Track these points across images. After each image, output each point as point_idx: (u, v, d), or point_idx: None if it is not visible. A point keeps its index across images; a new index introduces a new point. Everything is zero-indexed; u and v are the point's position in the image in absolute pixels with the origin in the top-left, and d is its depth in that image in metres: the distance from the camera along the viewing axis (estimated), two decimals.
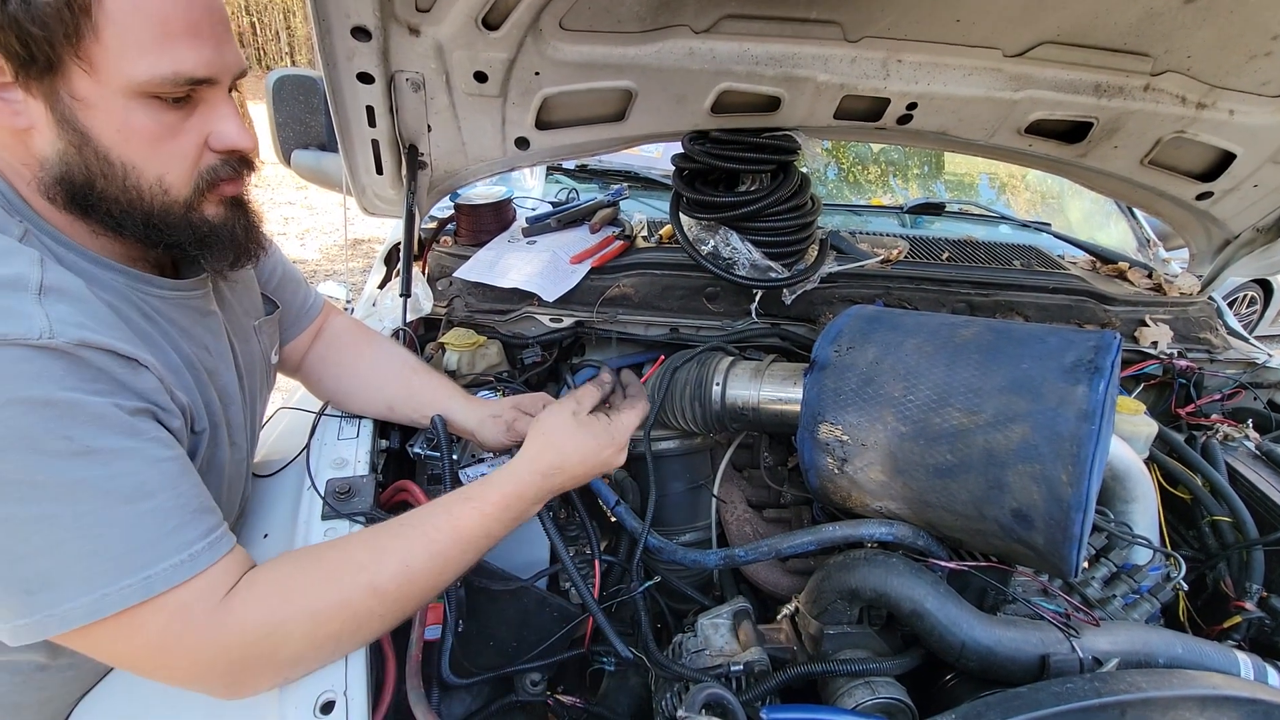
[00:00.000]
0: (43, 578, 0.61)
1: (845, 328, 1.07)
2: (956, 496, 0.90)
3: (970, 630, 0.88)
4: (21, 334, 0.59)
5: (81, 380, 0.62)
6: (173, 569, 0.64)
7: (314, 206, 6.79)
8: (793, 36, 1.16)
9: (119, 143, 0.67)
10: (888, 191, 2.52)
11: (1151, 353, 1.50)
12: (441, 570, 0.78)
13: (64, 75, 0.63)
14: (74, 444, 0.61)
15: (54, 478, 0.60)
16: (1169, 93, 1.25)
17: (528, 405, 1.12)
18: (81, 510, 0.61)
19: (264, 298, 1.03)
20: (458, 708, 1.01)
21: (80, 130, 0.66)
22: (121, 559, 0.62)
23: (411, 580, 0.75)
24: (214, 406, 0.83)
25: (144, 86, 0.65)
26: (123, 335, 0.68)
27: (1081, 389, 0.84)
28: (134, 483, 0.64)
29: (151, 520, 0.64)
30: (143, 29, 0.63)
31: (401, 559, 0.75)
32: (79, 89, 0.64)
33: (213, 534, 0.69)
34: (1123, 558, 1.08)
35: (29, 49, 0.61)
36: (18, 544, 0.60)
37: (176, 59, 0.66)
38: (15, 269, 0.63)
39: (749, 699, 0.88)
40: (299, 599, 0.71)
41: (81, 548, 0.61)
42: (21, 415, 0.59)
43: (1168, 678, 0.78)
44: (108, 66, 0.63)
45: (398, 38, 1.09)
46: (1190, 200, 1.50)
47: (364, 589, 0.73)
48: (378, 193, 1.38)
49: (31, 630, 0.61)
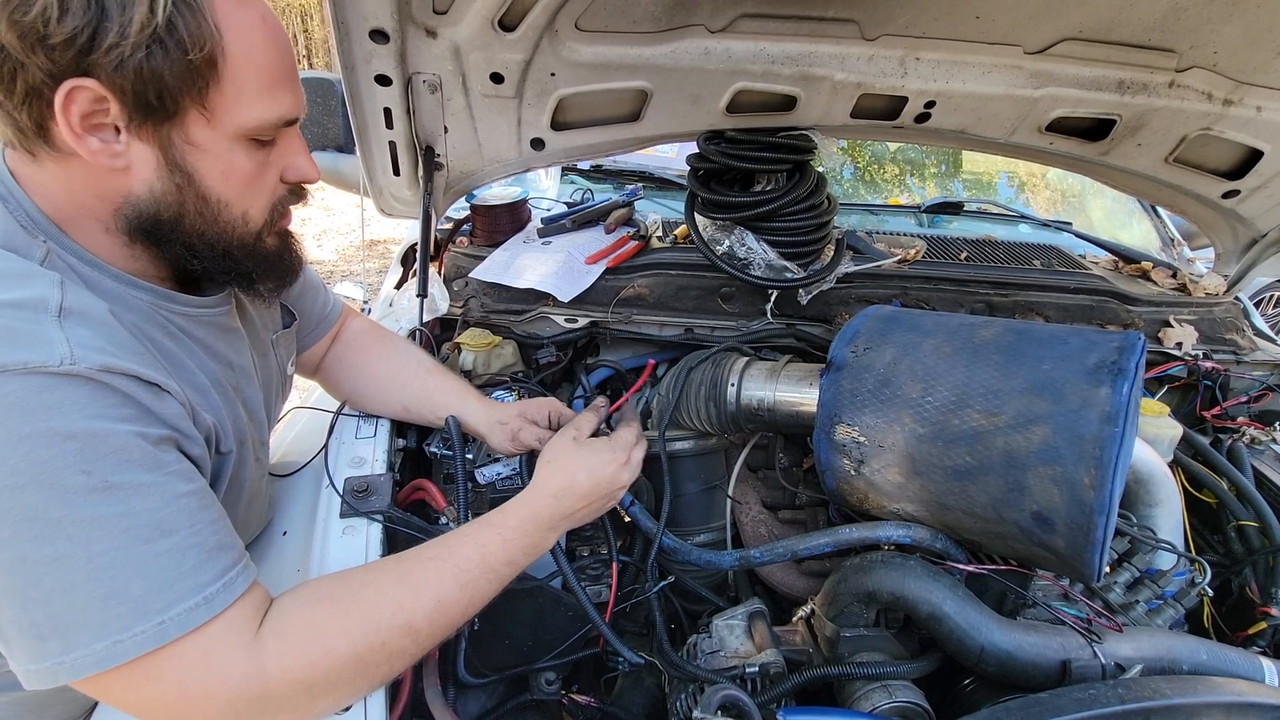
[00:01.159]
0: (54, 622, 0.58)
1: (862, 328, 1.06)
2: (975, 499, 0.89)
3: (989, 634, 0.87)
4: (41, 361, 0.58)
5: (106, 407, 0.61)
6: (187, 613, 0.62)
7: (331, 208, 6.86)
8: (809, 35, 1.16)
9: (219, 182, 0.71)
10: (905, 191, 2.49)
11: (1176, 354, 1.47)
12: (470, 601, 0.78)
13: (181, 122, 0.67)
14: (93, 479, 0.59)
15: (71, 514, 0.58)
16: (1194, 89, 1.23)
17: (533, 413, 1.13)
18: (96, 550, 0.59)
19: (283, 309, 1.04)
20: (473, 706, 1.01)
21: (188, 172, 0.69)
22: (137, 603, 0.60)
23: (445, 615, 0.75)
24: (240, 424, 0.83)
25: (252, 131, 0.71)
26: (146, 360, 0.67)
27: (1105, 391, 0.82)
28: (152, 521, 0.62)
29: (168, 560, 0.62)
30: (255, 78, 0.69)
31: (434, 594, 0.74)
32: (195, 135, 0.68)
33: (229, 573, 0.66)
34: (1146, 562, 1.06)
35: (161, 99, 0.64)
36: (30, 586, 0.58)
37: (279, 104, 0.71)
38: (35, 291, 0.62)
39: (764, 701, 0.88)
40: (341, 646, 0.68)
41: (95, 591, 0.59)
42: (41, 449, 0.57)
43: (1192, 684, 0.77)
44: (224, 113, 0.68)
45: (415, 40, 1.10)
46: (1216, 199, 1.47)
47: (401, 630, 0.71)
48: (395, 194, 1.39)
49: (42, 677, 0.59)
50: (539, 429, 1.10)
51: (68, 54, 0.61)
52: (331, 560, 0.90)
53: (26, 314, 0.61)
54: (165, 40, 0.62)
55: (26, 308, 0.61)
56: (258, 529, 0.98)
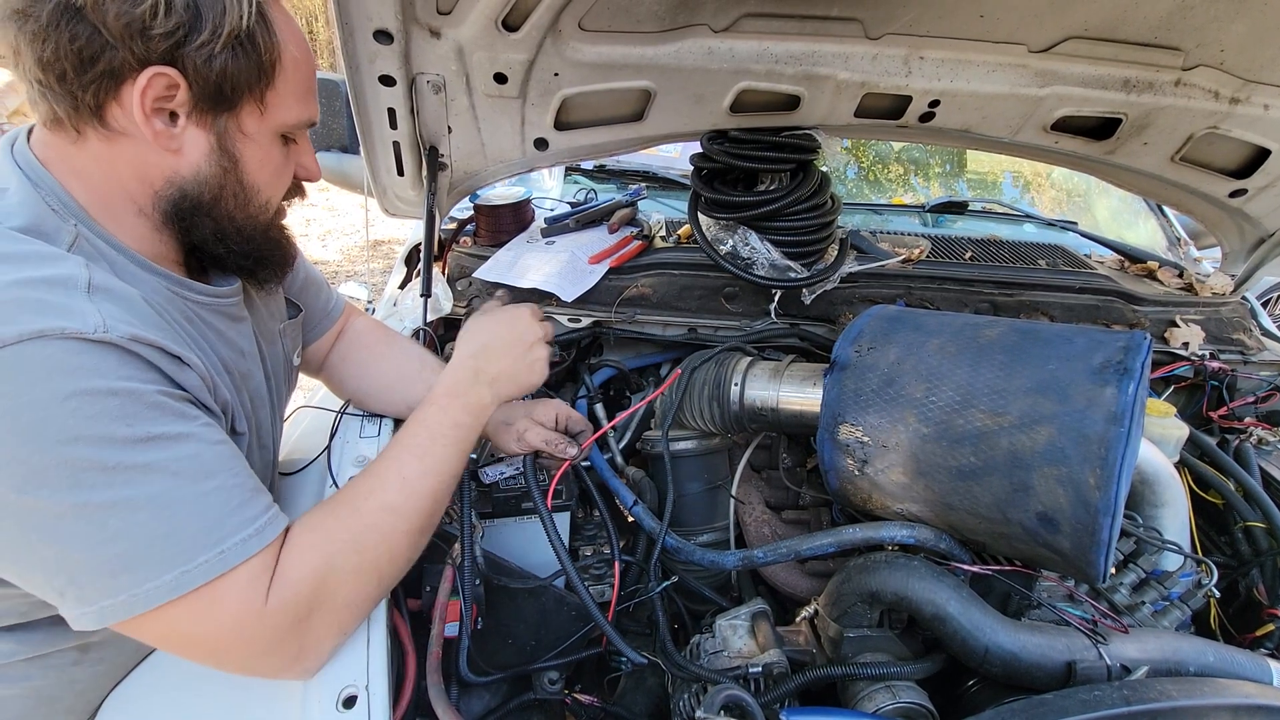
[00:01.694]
0: (124, 559, 0.63)
1: (866, 328, 1.06)
2: (980, 499, 0.89)
3: (994, 635, 0.86)
4: (77, 328, 0.62)
5: (136, 370, 0.66)
6: (243, 542, 0.68)
7: (335, 208, 6.88)
8: (813, 34, 1.15)
9: (256, 170, 0.80)
10: (909, 190, 2.49)
11: (1182, 354, 1.46)
12: (434, 469, 0.85)
13: (238, 113, 0.75)
14: (136, 430, 0.64)
15: (123, 461, 0.63)
16: (1201, 87, 1.22)
17: (540, 415, 1.13)
18: (153, 492, 0.64)
19: (288, 302, 1.06)
20: (476, 705, 1.01)
21: (235, 157, 0.77)
22: (197, 536, 0.66)
23: (413, 486, 0.82)
24: (248, 408, 0.87)
25: (289, 128, 0.81)
26: (170, 335, 0.72)
27: (1110, 391, 0.82)
28: (197, 464, 0.67)
29: (218, 498, 0.68)
30: (299, 82, 0.79)
31: (397, 471, 0.82)
32: (247, 125, 0.77)
33: (271, 509, 0.73)
34: (1152, 564, 1.06)
35: (228, 93, 0.73)
36: (95, 530, 0.62)
37: (309, 108, 0.82)
38: (65, 269, 0.67)
39: (768, 701, 0.87)
40: (338, 534, 0.76)
41: (157, 529, 0.64)
42: (88, 405, 0.62)
43: (1199, 686, 0.77)
44: (274, 109, 0.77)
45: (419, 40, 1.10)
46: (1223, 198, 1.46)
47: (379, 509, 0.79)
48: (399, 194, 1.39)
49: (117, 610, 0.64)
50: (545, 430, 1.11)
51: (164, 45, 0.67)
52: None
53: (59, 289, 0.65)
54: (246, 44, 0.72)
55: (58, 284, 0.65)
56: None
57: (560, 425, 1.14)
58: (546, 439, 1.09)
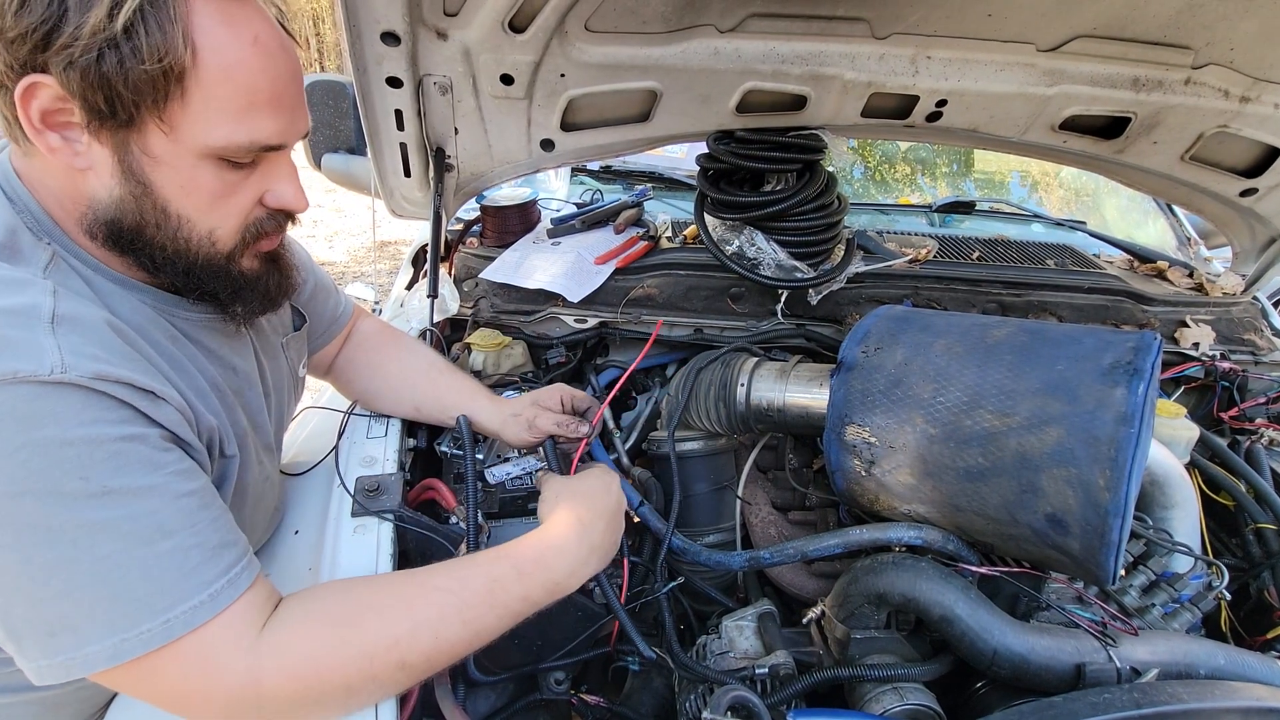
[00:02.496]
0: (64, 620, 0.60)
1: (873, 328, 1.05)
2: (988, 500, 0.89)
3: (1002, 637, 0.86)
4: (31, 370, 0.58)
5: (101, 411, 0.61)
6: (192, 610, 0.63)
7: (342, 209, 6.92)
8: (819, 34, 1.15)
9: (179, 196, 0.69)
10: (916, 190, 2.48)
11: (1193, 354, 1.45)
12: (475, 637, 0.75)
13: (139, 131, 0.65)
14: (90, 484, 0.59)
15: (71, 520, 0.59)
16: (1211, 86, 1.21)
17: (546, 400, 1.13)
18: (100, 554, 0.60)
19: (294, 311, 1.03)
20: (482, 704, 1.02)
21: (144, 182, 0.67)
22: (142, 602, 0.61)
23: (442, 651, 0.73)
24: (241, 427, 0.82)
25: (218, 151, 0.67)
26: (142, 368, 0.66)
27: (1120, 391, 0.82)
28: (153, 523, 0.62)
29: (170, 561, 0.63)
30: (229, 98, 0.65)
31: (434, 631, 0.71)
32: (152, 146, 0.65)
33: (233, 569, 0.66)
34: (1162, 566, 1.05)
35: (113, 106, 0.62)
36: (38, 588, 0.59)
37: (254, 129, 0.68)
38: (28, 298, 0.62)
39: (774, 702, 0.87)
40: (334, 676, 0.68)
41: (100, 592, 0.60)
42: (38, 457, 0.58)
43: (1210, 689, 0.76)
44: (187, 129, 0.65)
45: (426, 42, 1.11)
46: (1233, 197, 1.45)
47: (394, 665, 0.70)
48: (405, 195, 1.40)
49: (54, 671, 0.61)
50: (555, 414, 1.10)
51: (23, 49, 0.60)
52: (343, 559, 0.91)
53: (19, 320, 0.60)
54: (121, 46, 0.60)
55: (19, 314, 0.61)
56: (266, 532, 0.98)
57: (567, 407, 1.13)
58: (558, 421, 1.08)
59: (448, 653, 0.73)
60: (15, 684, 0.77)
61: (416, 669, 0.72)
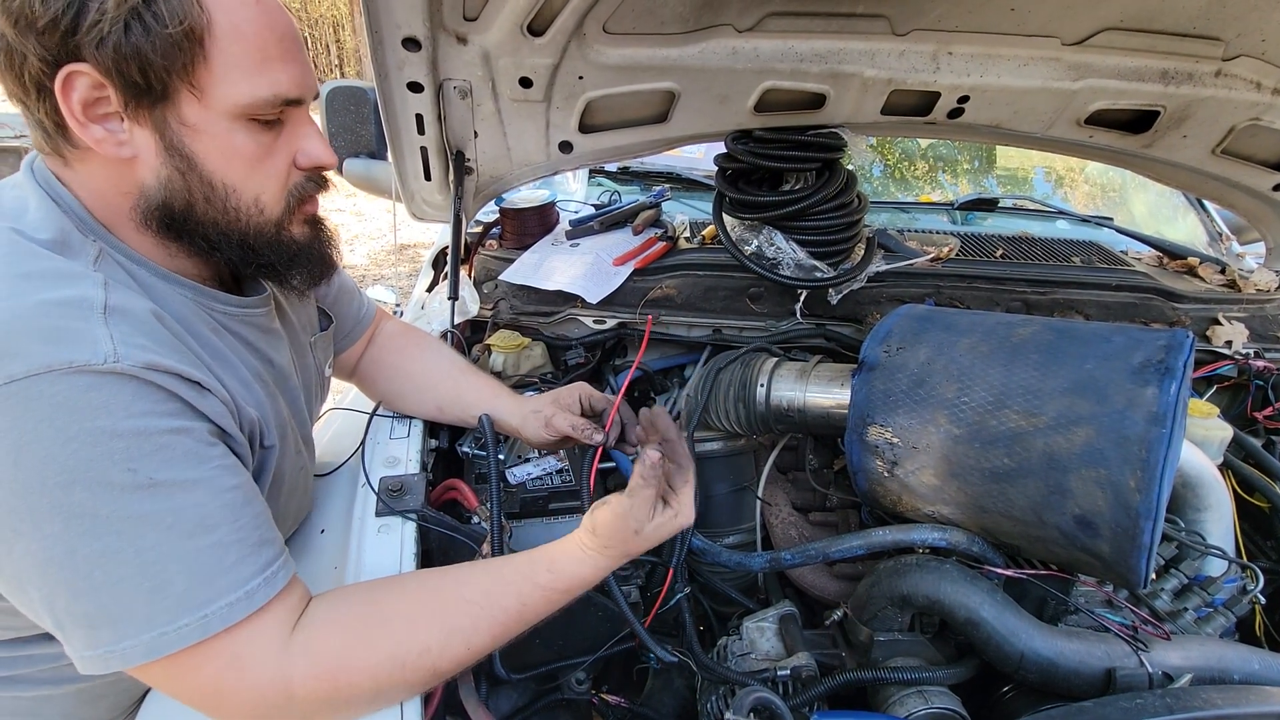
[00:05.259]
0: (105, 613, 0.61)
1: (895, 327, 1.04)
2: (1015, 502, 0.87)
3: (1030, 641, 0.85)
4: (86, 360, 0.59)
5: (151, 403, 0.62)
6: (229, 607, 0.64)
7: (362, 213, 7.00)
8: (838, 32, 1.14)
9: (222, 165, 0.70)
10: (937, 187, 2.45)
11: (1225, 353, 1.42)
12: (499, 642, 0.77)
13: (174, 102, 0.66)
14: (138, 476, 0.61)
15: (118, 511, 0.60)
16: (1242, 78, 1.19)
17: (565, 398, 1.13)
18: (144, 545, 0.61)
19: (320, 312, 1.05)
20: (504, 703, 1.02)
21: (187, 155, 0.69)
22: (182, 597, 0.62)
23: (472, 656, 0.75)
24: (282, 417, 0.85)
25: (246, 109, 0.69)
26: (189, 359, 0.68)
27: (1151, 390, 0.80)
28: (197, 516, 0.64)
29: (211, 555, 0.64)
30: (245, 54, 0.67)
31: (465, 641, 0.74)
32: (188, 115, 0.67)
33: (270, 567, 0.68)
34: (1195, 569, 1.03)
35: (147, 78, 0.64)
36: (80, 579, 0.60)
37: (274, 81, 0.69)
38: (82, 290, 0.64)
39: (797, 704, 0.87)
40: (363, 679, 0.69)
41: (142, 585, 0.61)
42: (89, 447, 0.59)
43: (1244, 694, 0.74)
44: (215, 91, 0.67)
45: (446, 47, 1.12)
46: (1267, 191, 1.41)
47: (425, 670, 0.72)
48: (426, 198, 1.41)
49: (95, 663, 0.62)
50: (572, 416, 1.10)
51: (55, 37, 0.61)
52: (368, 558, 0.92)
53: (73, 312, 0.62)
54: (143, 14, 0.61)
55: (73, 305, 0.62)
56: (297, 521, 1.00)
57: (585, 407, 1.14)
58: (574, 424, 1.09)
59: (475, 657, 0.76)
60: (58, 676, 0.80)
61: (445, 672, 0.74)
